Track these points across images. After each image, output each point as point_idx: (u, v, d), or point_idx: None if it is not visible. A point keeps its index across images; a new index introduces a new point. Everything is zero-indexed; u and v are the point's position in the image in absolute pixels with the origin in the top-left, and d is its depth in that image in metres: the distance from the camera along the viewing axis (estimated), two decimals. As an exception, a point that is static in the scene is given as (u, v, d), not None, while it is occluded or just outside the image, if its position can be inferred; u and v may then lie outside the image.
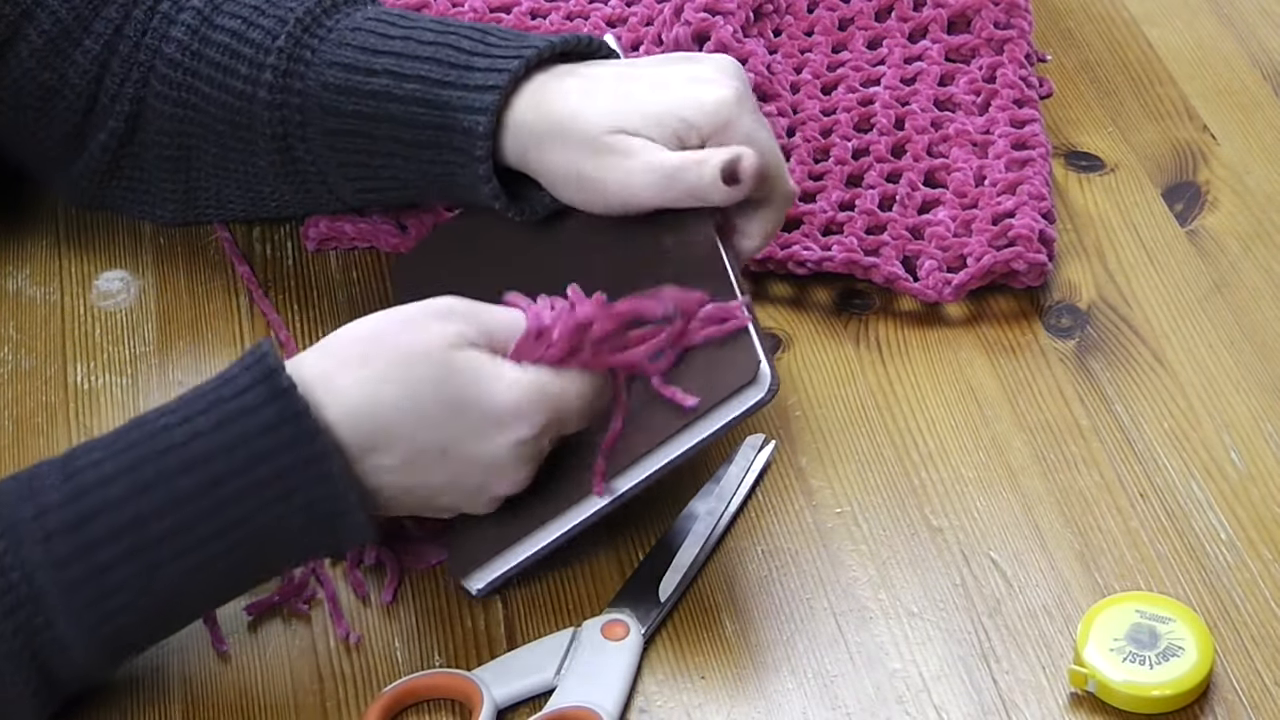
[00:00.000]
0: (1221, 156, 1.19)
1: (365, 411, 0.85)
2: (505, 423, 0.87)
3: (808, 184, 1.14)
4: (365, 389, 0.85)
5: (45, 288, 1.12)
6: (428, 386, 0.85)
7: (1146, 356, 1.06)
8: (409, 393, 0.85)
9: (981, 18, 1.23)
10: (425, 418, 0.86)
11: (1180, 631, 0.90)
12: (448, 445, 0.86)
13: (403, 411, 0.85)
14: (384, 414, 0.85)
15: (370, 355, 0.86)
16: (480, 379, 0.86)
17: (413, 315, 0.87)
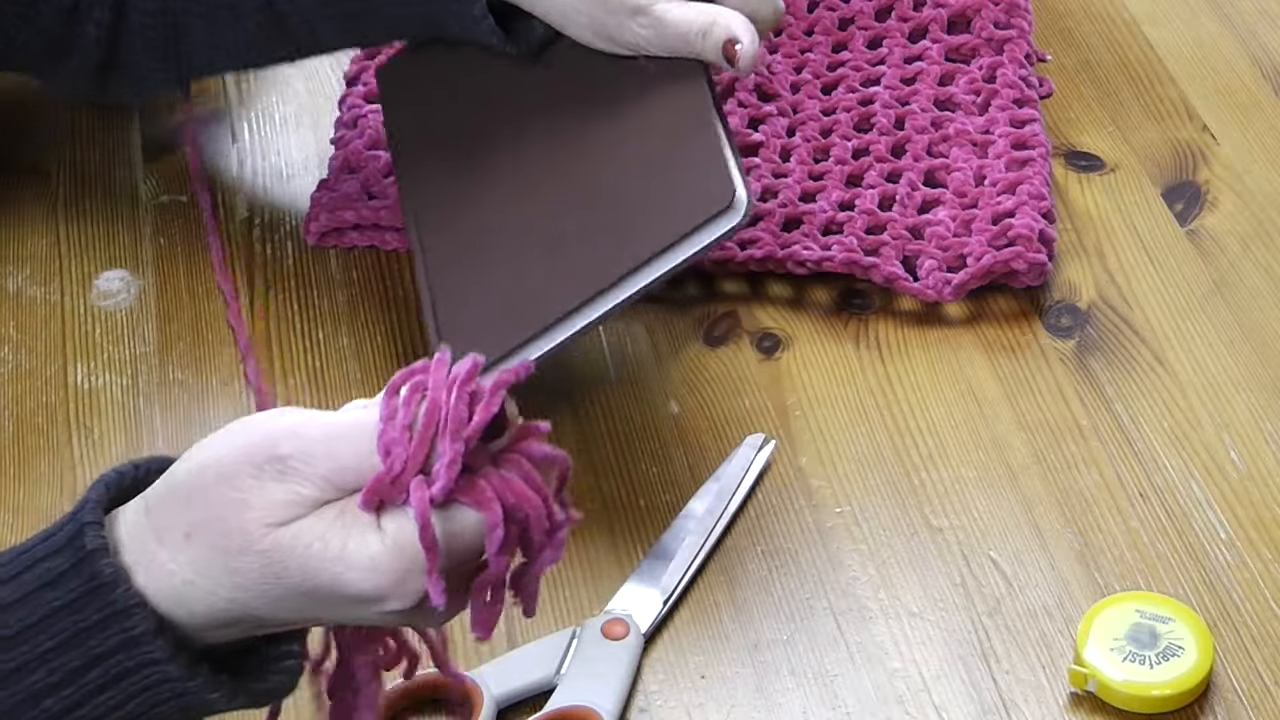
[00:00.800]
0: (1221, 156, 1.19)
1: (201, 603, 0.70)
2: (371, 603, 0.69)
3: (808, 184, 1.14)
4: (191, 577, 0.69)
5: (45, 288, 1.12)
6: (259, 580, 0.69)
7: (1146, 356, 1.06)
8: (239, 585, 0.69)
9: (981, 18, 1.23)
10: (275, 604, 0.69)
11: (1180, 631, 0.90)
12: (318, 616, 0.71)
13: (244, 601, 0.69)
14: (222, 605, 0.70)
15: (192, 531, 0.69)
16: (321, 568, 0.68)
17: (234, 468, 0.69)
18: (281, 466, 0.68)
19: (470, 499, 0.68)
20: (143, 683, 0.70)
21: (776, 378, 1.06)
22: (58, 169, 1.21)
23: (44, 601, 0.69)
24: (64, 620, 0.69)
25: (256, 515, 0.68)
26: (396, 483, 0.68)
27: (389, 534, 0.68)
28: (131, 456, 1.01)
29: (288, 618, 0.70)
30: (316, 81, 1.26)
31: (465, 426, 0.68)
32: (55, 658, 0.69)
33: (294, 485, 0.68)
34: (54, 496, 1.00)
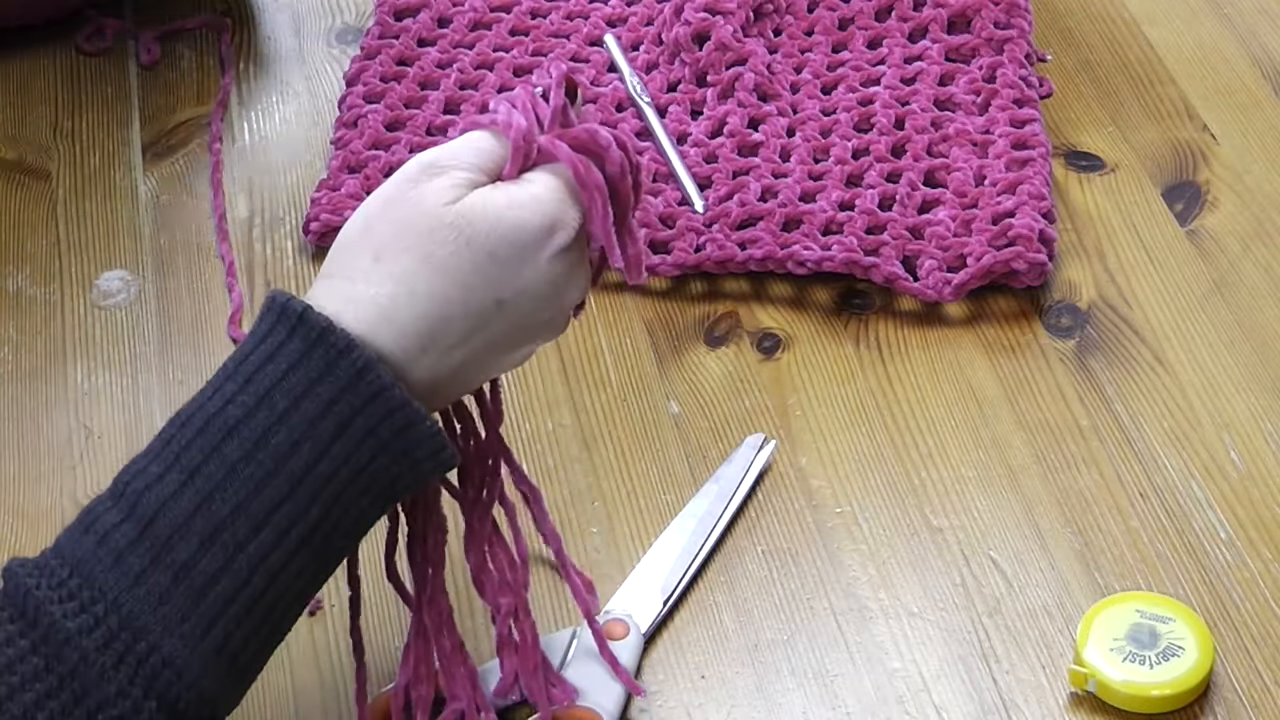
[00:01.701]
0: (1221, 156, 1.19)
1: (405, 312, 0.77)
2: (544, 241, 0.79)
3: (808, 184, 1.14)
4: (392, 288, 0.77)
5: (45, 288, 1.12)
6: (453, 254, 0.78)
7: (1146, 356, 1.06)
8: (440, 269, 0.78)
9: (981, 17, 1.23)
10: (467, 284, 0.78)
11: (1180, 631, 0.90)
12: (501, 294, 0.79)
13: (443, 292, 0.78)
14: (423, 304, 0.77)
15: (380, 251, 0.78)
16: (501, 215, 0.78)
17: (397, 190, 0.79)
18: (434, 169, 0.79)
19: (580, 137, 0.81)
20: (370, 419, 0.76)
21: (777, 378, 1.06)
22: (58, 169, 1.21)
23: (270, 373, 0.76)
24: (293, 378, 0.76)
25: (432, 200, 0.78)
26: (528, 140, 0.81)
27: (540, 179, 0.80)
28: (131, 456, 1.02)
29: (476, 311, 0.78)
30: (317, 82, 1.26)
31: (554, 86, 0.83)
32: (292, 415, 0.76)
33: (452, 174, 0.79)
34: (54, 496, 1.00)
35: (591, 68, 1.23)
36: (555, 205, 0.79)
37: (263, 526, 0.75)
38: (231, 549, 0.75)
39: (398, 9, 1.28)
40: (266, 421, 0.76)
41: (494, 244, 0.78)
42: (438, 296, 0.78)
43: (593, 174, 0.80)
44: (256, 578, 0.75)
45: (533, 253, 0.79)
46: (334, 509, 0.77)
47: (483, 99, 1.21)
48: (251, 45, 1.30)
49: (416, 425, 0.77)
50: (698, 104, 1.21)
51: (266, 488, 0.75)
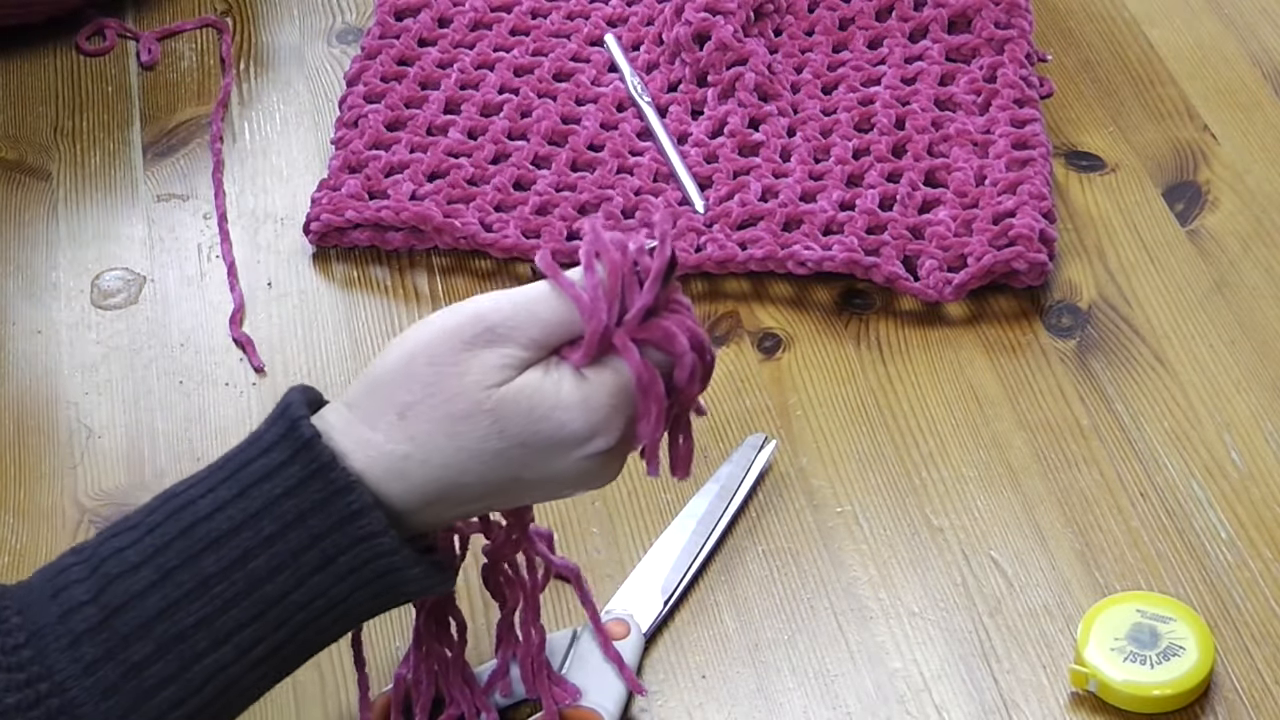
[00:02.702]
0: (1222, 156, 1.19)
1: (417, 473, 0.75)
2: (582, 444, 0.76)
3: (808, 184, 1.14)
4: (409, 450, 0.75)
5: (45, 288, 1.12)
6: (481, 440, 0.75)
7: (1147, 356, 1.06)
8: (461, 447, 0.75)
9: (982, 17, 1.23)
10: (489, 464, 0.76)
11: (1181, 631, 0.90)
12: (523, 475, 0.77)
13: (460, 464, 0.76)
14: (437, 472, 0.75)
15: (406, 411, 0.75)
16: (545, 415, 0.75)
17: (444, 348, 0.75)
18: (490, 336, 0.75)
19: (656, 337, 0.77)
20: (355, 560, 0.75)
21: (777, 377, 1.06)
22: (58, 169, 1.21)
23: (264, 492, 0.74)
24: (285, 505, 0.74)
25: (476, 379, 0.75)
26: (605, 334, 0.76)
27: (596, 381, 0.76)
28: (131, 457, 1.02)
29: (495, 481, 0.76)
30: (317, 82, 1.26)
31: (648, 278, 0.76)
32: (276, 542, 0.74)
33: (505, 350, 0.75)
34: (54, 496, 1.00)
35: (592, 68, 1.23)
36: (604, 413, 0.76)
37: (224, 643, 0.74)
38: (188, 659, 0.74)
39: (398, 9, 1.28)
40: (249, 542, 0.74)
41: (527, 437, 0.75)
42: (454, 468, 0.76)
43: (656, 384, 0.77)
44: (209, 687, 0.75)
45: (567, 451, 0.76)
46: (303, 632, 0.76)
47: (483, 99, 1.20)
48: (251, 45, 1.30)
49: (404, 570, 0.76)
50: (698, 104, 1.21)
51: (234, 608, 0.74)
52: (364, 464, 0.75)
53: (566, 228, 1.12)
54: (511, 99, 1.21)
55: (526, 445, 0.76)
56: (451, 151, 1.17)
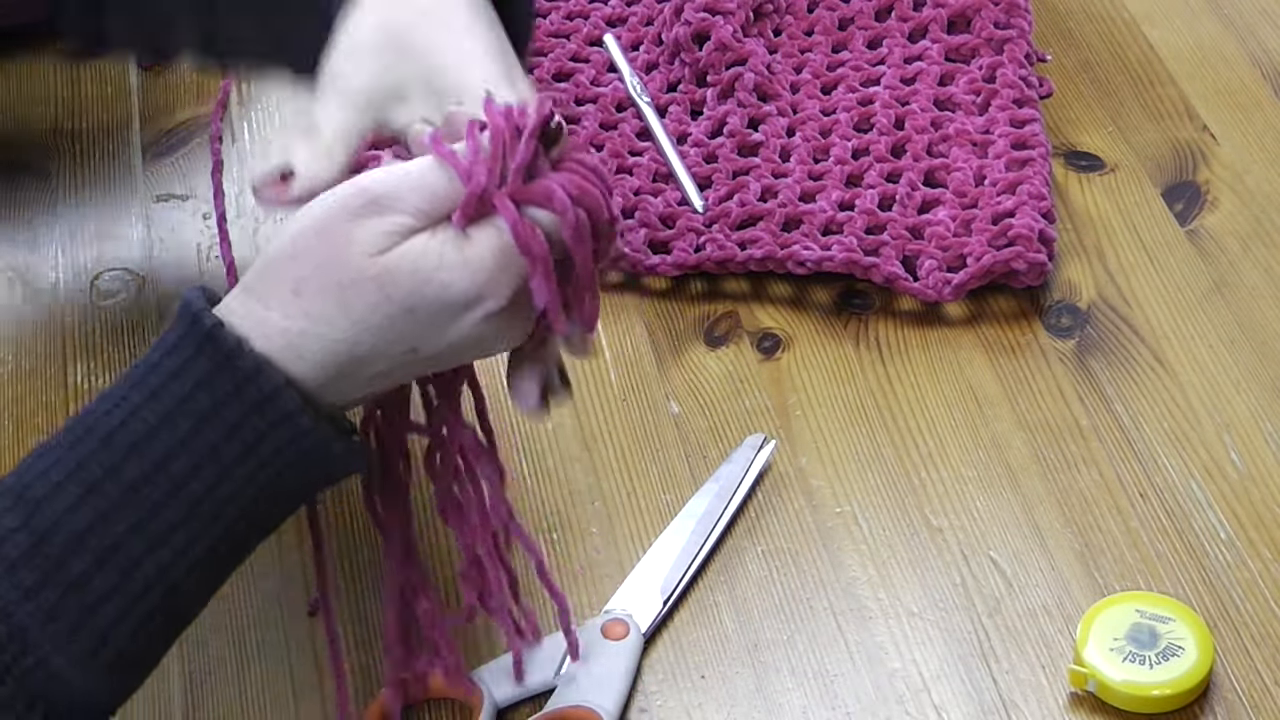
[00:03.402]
0: (1221, 156, 1.19)
1: (314, 349, 0.75)
2: (470, 306, 0.76)
3: (807, 184, 1.14)
4: (305, 325, 0.75)
5: (45, 288, 1.12)
6: (371, 308, 0.75)
7: (1146, 356, 1.06)
8: (355, 319, 0.75)
9: (981, 17, 1.23)
10: (381, 335, 0.76)
11: (1180, 631, 0.90)
12: (417, 345, 0.77)
13: (353, 338, 0.76)
14: (333, 346, 0.76)
15: (300, 285, 0.75)
16: (428, 277, 0.75)
17: (331, 220, 0.76)
18: (376, 206, 0.75)
19: (536, 196, 0.76)
20: (275, 442, 0.75)
21: (777, 378, 1.06)
22: (58, 169, 1.21)
23: (174, 390, 0.75)
24: (199, 399, 0.74)
25: (361, 248, 0.75)
26: (482, 198, 0.75)
27: (479, 240, 0.75)
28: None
29: (391, 354, 0.76)
30: (316, 81, 1.26)
31: (526, 136, 0.76)
32: (194, 438, 0.74)
33: (391, 218, 0.75)
34: (54, 496, 1.00)
35: (591, 68, 1.23)
36: (488, 273, 0.76)
37: (160, 545, 0.74)
38: (127, 566, 0.74)
39: (398, 9, 1.28)
40: (167, 444, 0.74)
41: (414, 302, 0.75)
42: (348, 341, 0.76)
43: (535, 241, 0.76)
44: (153, 592, 0.75)
45: (455, 316, 0.76)
46: (239, 523, 0.76)
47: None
48: (251, 45, 1.30)
49: (326, 447, 0.76)
50: (697, 104, 1.21)
51: (165, 510, 0.74)
52: (264, 345, 0.75)
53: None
54: (511, 99, 1.20)
55: (414, 310, 0.75)
56: (451, 151, 1.17)
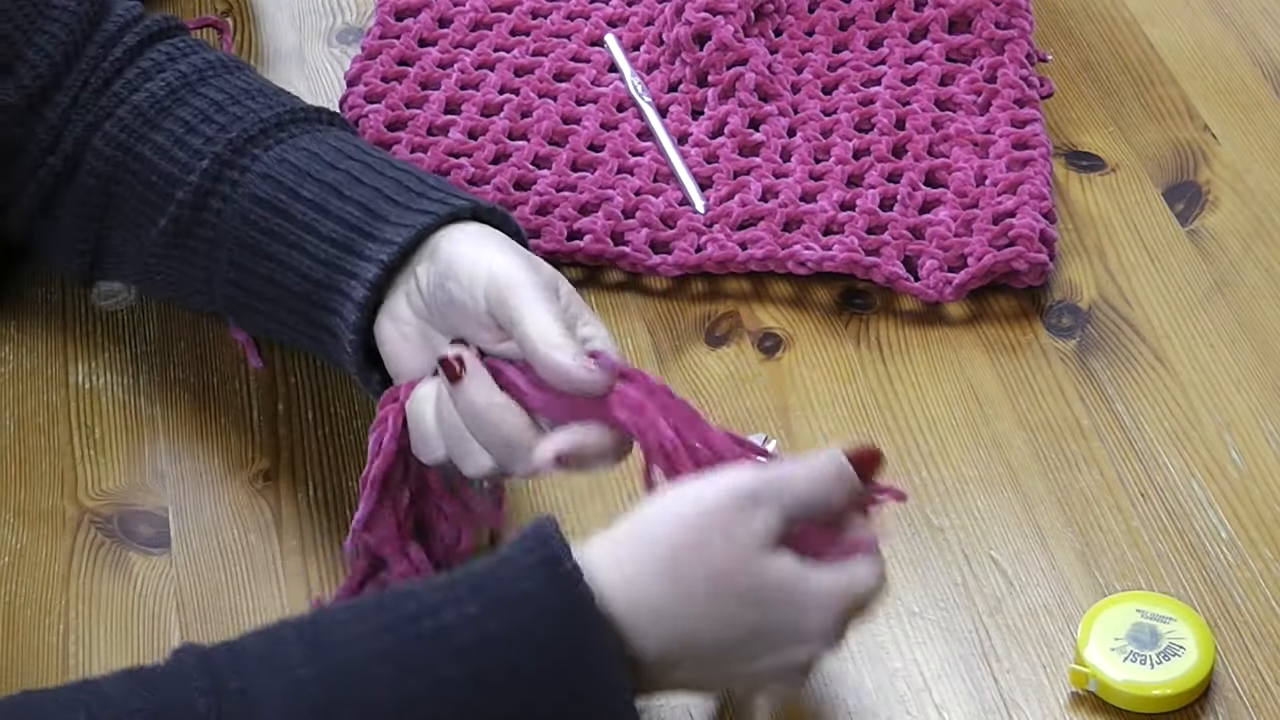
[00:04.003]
0: (1222, 156, 1.19)
1: (669, 626, 0.76)
2: (810, 640, 0.79)
3: (808, 184, 1.14)
4: (673, 605, 0.76)
5: (45, 288, 1.12)
6: (739, 605, 0.77)
7: (1147, 356, 1.06)
8: (719, 611, 0.77)
9: (982, 18, 1.23)
10: (731, 636, 0.78)
11: (1181, 631, 0.90)
12: (746, 658, 0.79)
13: (709, 630, 0.77)
14: (687, 630, 0.77)
15: (681, 566, 0.76)
16: (792, 598, 0.78)
17: (721, 513, 0.77)
18: (759, 501, 0.77)
19: (863, 547, 0.81)
20: (588, 706, 0.75)
21: (778, 378, 1.06)
22: (58, 169, 1.20)
23: (522, 615, 0.75)
24: (538, 631, 0.74)
25: (748, 543, 0.77)
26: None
27: (830, 582, 0.79)
28: (131, 457, 1.02)
29: (723, 647, 0.78)
30: (317, 82, 1.26)
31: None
32: (525, 667, 0.74)
33: (768, 516, 0.77)
34: (54, 497, 1.00)
35: (592, 67, 1.23)
36: (836, 620, 0.79)
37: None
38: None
39: (398, 9, 1.28)
40: (483, 639, 0.74)
41: (771, 618, 0.78)
42: (703, 630, 0.77)
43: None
44: None
45: (793, 643, 0.79)
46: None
47: (483, 99, 1.20)
48: (252, 45, 1.30)
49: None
50: (698, 104, 1.21)
51: (465, 714, 0.74)
52: (624, 607, 0.76)
53: (567, 228, 1.12)
54: (512, 99, 1.21)
55: (762, 630, 0.77)
56: (452, 151, 1.17)
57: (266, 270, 0.95)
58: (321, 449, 1.02)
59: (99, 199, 1.01)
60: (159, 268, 1.01)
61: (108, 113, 1.01)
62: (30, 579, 0.96)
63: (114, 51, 1.02)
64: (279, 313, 0.96)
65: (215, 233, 0.97)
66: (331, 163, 0.95)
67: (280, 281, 0.94)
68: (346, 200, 0.93)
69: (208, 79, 1.01)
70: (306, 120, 0.99)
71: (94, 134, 1.01)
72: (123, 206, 1.00)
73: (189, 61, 1.02)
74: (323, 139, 0.97)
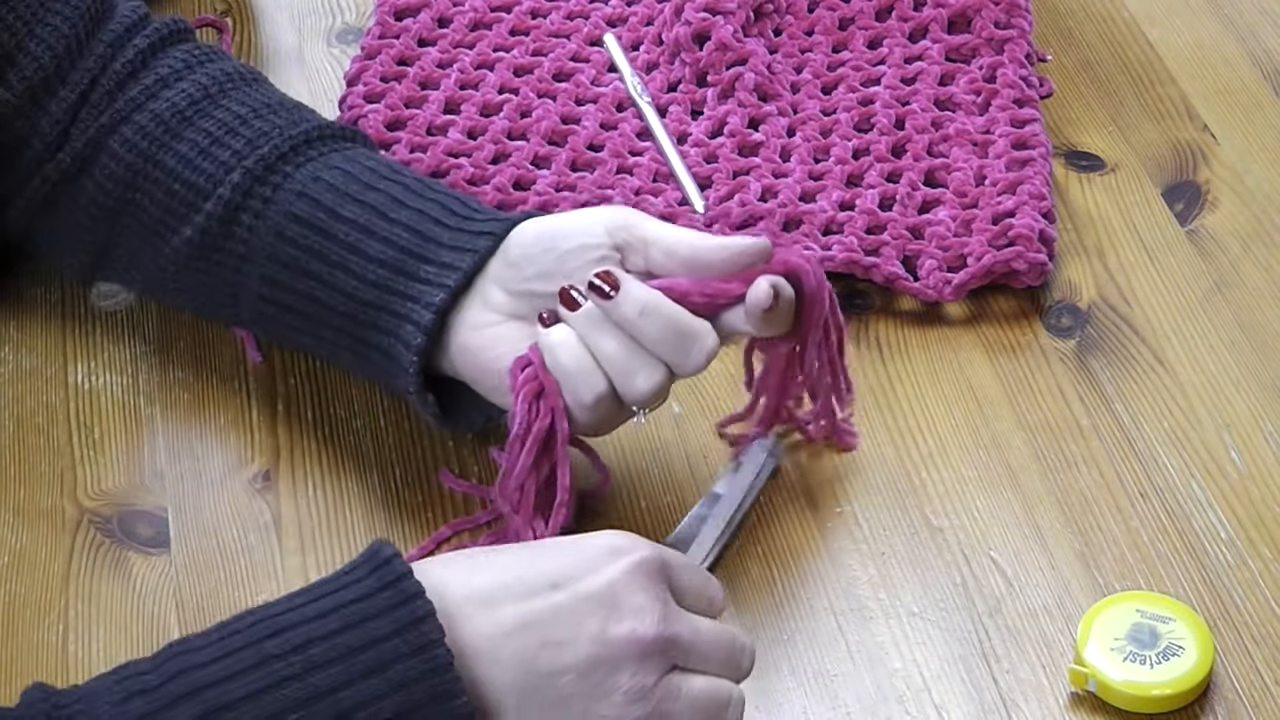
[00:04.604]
0: (1221, 156, 1.19)
1: (466, 568, 0.80)
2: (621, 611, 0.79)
3: (808, 184, 1.14)
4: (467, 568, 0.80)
5: (45, 288, 1.12)
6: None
7: (1147, 356, 1.06)
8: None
9: (982, 17, 1.23)
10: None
11: (1180, 631, 0.90)
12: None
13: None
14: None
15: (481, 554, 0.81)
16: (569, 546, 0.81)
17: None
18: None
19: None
20: (408, 671, 0.75)
21: (777, 377, 1.06)
22: (58, 169, 1.20)
23: (336, 597, 0.77)
24: (353, 607, 0.76)
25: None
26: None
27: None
28: (131, 457, 1.02)
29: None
30: (317, 82, 1.26)
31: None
32: (338, 636, 0.76)
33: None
34: (54, 496, 1.00)
35: (592, 67, 1.23)
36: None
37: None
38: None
39: (398, 9, 1.28)
40: (313, 633, 0.75)
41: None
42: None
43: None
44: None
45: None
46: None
47: (483, 99, 1.20)
48: (251, 45, 1.30)
49: (454, 694, 0.75)
50: (698, 104, 1.21)
51: (285, 688, 0.74)
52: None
53: (566, 228, 1.12)
54: (511, 99, 1.21)
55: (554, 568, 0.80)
56: (452, 151, 1.17)
57: (307, 288, 0.96)
58: (321, 449, 1.02)
59: (114, 203, 1.02)
60: (177, 277, 1.02)
61: (124, 117, 1.02)
62: (29, 579, 0.96)
63: (125, 52, 1.03)
64: (320, 330, 0.97)
65: (246, 248, 0.98)
66: (369, 183, 0.97)
67: (322, 300, 0.96)
68: (392, 222, 0.95)
69: (228, 91, 1.03)
70: (334, 138, 1.01)
71: (110, 136, 1.02)
72: (140, 214, 1.01)
73: (206, 71, 1.03)
74: (353, 158, 0.99)
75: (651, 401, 0.90)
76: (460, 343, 0.94)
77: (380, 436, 1.03)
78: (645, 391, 0.90)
